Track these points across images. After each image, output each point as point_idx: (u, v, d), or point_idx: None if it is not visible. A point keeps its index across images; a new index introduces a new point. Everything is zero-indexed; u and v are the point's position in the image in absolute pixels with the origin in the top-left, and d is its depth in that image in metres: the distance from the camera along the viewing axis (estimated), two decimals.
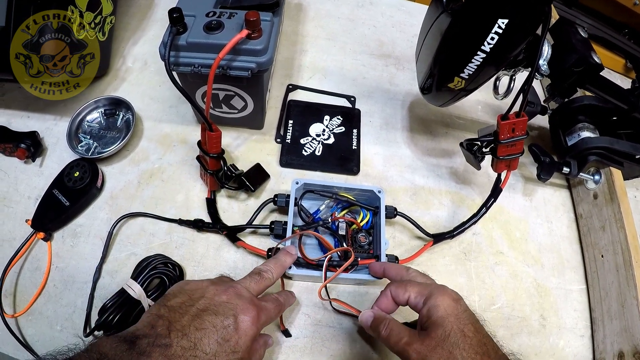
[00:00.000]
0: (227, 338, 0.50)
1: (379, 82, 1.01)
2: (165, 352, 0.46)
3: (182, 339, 0.47)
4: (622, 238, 0.76)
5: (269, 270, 0.61)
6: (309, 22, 1.09)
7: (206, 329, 0.49)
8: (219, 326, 0.50)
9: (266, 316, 0.56)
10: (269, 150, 0.86)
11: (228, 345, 0.49)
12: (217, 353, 0.48)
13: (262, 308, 0.55)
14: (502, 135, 0.69)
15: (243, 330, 0.51)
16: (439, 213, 0.84)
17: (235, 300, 0.53)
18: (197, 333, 0.48)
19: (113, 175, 0.80)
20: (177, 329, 0.48)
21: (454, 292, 0.55)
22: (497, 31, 0.58)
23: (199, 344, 0.48)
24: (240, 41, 0.65)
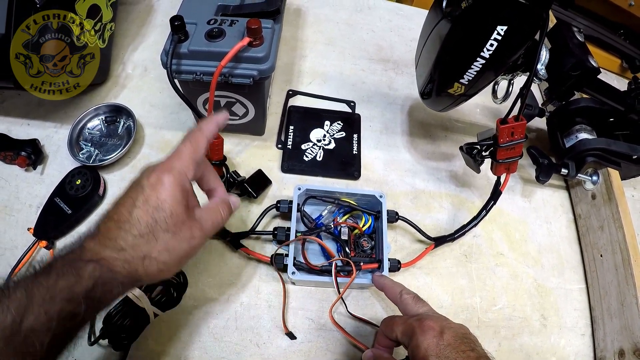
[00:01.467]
0: (145, 198, 0.46)
1: (378, 86, 1.02)
2: (95, 235, 0.45)
3: (105, 220, 0.46)
4: (621, 237, 0.77)
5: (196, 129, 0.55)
6: (308, 27, 1.10)
7: (123, 203, 0.47)
8: (133, 193, 0.47)
9: (183, 158, 0.50)
10: (270, 156, 0.86)
11: (148, 205, 0.46)
12: (139, 217, 0.46)
13: (171, 157, 0.50)
14: (501, 139, 0.70)
15: (158, 184, 0.47)
16: (440, 216, 0.85)
17: (148, 169, 0.50)
18: (117, 208, 0.47)
19: (115, 182, 0.80)
20: (103, 218, 0.47)
21: (438, 321, 0.54)
22: (496, 38, 0.59)
23: (120, 217, 0.46)
24: (242, 49, 0.65)
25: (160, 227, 0.46)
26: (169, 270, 0.49)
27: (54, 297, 0.40)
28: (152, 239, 0.46)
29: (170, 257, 0.48)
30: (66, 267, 0.42)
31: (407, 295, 0.62)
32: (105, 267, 0.44)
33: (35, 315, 0.39)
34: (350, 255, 0.72)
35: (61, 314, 0.41)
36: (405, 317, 0.58)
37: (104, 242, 0.45)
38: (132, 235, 0.45)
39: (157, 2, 1.07)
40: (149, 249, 0.46)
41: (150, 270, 0.47)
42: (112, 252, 0.44)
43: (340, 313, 0.72)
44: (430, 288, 0.77)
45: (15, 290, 0.40)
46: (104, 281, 0.43)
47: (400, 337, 0.56)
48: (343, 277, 0.70)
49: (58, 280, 0.41)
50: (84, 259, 0.43)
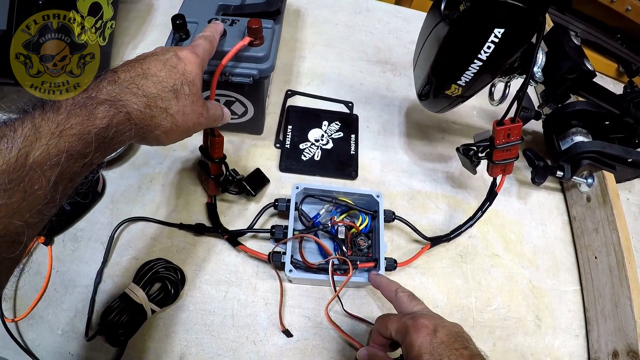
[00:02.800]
0: (173, 65, 0.52)
1: (376, 88, 1.02)
2: (114, 81, 0.46)
3: (129, 71, 0.48)
4: (615, 240, 0.78)
5: (209, 33, 0.63)
6: (307, 28, 1.10)
7: (150, 62, 0.51)
8: (162, 59, 0.52)
9: (202, 49, 0.58)
10: (268, 155, 0.87)
11: (176, 70, 0.52)
12: (167, 76, 0.51)
13: (194, 45, 0.58)
14: (497, 140, 0.71)
15: (185, 58, 0.54)
16: (436, 217, 0.86)
17: (167, 48, 0.55)
18: (143, 65, 0.50)
19: (114, 179, 0.80)
20: (122, 68, 0.49)
21: (432, 320, 0.54)
22: (493, 40, 0.59)
23: (148, 71, 0.49)
24: (243, 48, 0.66)
25: (184, 91, 0.52)
26: (176, 133, 0.53)
27: (63, 132, 0.40)
28: (174, 97, 0.51)
29: (182, 120, 0.52)
30: (78, 106, 0.42)
31: (402, 293, 0.62)
32: (122, 109, 0.45)
33: (43, 150, 0.38)
34: (347, 254, 0.72)
35: (70, 151, 0.40)
36: (399, 316, 0.59)
37: (128, 86, 0.47)
38: (159, 88, 0.49)
39: (157, 1, 1.07)
40: (170, 105, 0.50)
41: (163, 125, 0.50)
42: (134, 97, 0.47)
43: (337, 311, 0.73)
44: (426, 288, 0.78)
45: (22, 124, 0.38)
46: (118, 122, 0.44)
47: (395, 335, 0.57)
48: (340, 275, 0.70)
49: (69, 116, 0.41)
50: (98, 99, 0.44)
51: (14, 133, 0.37)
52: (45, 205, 0.38)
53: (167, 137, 0.52)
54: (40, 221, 0.39)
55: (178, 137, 0.54)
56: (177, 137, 0.54)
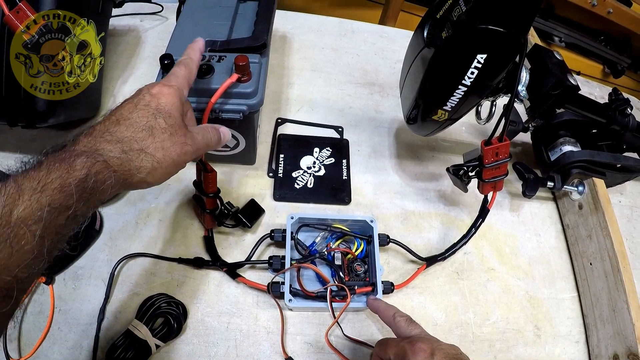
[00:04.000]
0: (145, 104, 0.51)
1: (364, 110, 1.03)
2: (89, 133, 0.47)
3: (103, 122, 0.49)
4: (609, 245, 0.79)
5: (186, 56, 0.62)
6: (294, 54, 1.11)
7: (123, 108, 0.51)
8: (134, 100, 0.51)
9: (176, 76, 0.57)
10: (262, 185, 0.88)
11: (148, 108, 0.51)
12: (139, 116, 0.50)
13: (168, 77, 0.57)
14: (486, 159, 0.72)
15: (157, 94, 0.52)
16: (430, 236, 0.87)
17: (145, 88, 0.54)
18: (116, 112, 0.50)
19: (111, 216, 0.81)
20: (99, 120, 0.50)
21: (429, 343, 0.55)
22: (476, 66, 0.61)
23: (121, 117, 0.49)
24: (231, 85, 0.67)
25: (159, 125, 0.50)
26: (161, 170, 0.51)
27: (45, 187, 0.40)
28: (149, 135, 0.50)
29: (164, 156, 0.51)
30: (58, 161, 0.43)
31: (400, 317, 0.63)
32: (99, 158, 0.45)
33: (26, 205, 0.39)
34: (345, 280, 0.73)
35: (52, 205, 0.40)
36: (398, 340, 0.60)
37: (102, 135, 0.47)
38: (132, 130, 0.49)
39: (145, 34, 1.08)
40: (147, 144, 0.49)
41: (144, 165, 0.49)
42: (109, 144, 0.47)
43: (337, 335, 0.73)
44: (424, 307, 0.79)
45: (5, 184, 0.39)
46: (96, 171, 0.44)
47: (394, 359, 0.57)
48: (339, 301, 0.71)
49: (49, 172, 0.42)
50: (76, 152, 0.44)
51: None
52: (34, 259, 0.39)
53: (152, 177, 0.51)
54: (30, 275, 0.40)
55: (165, 174, 0.53)
56: (164, 174, 0.53)
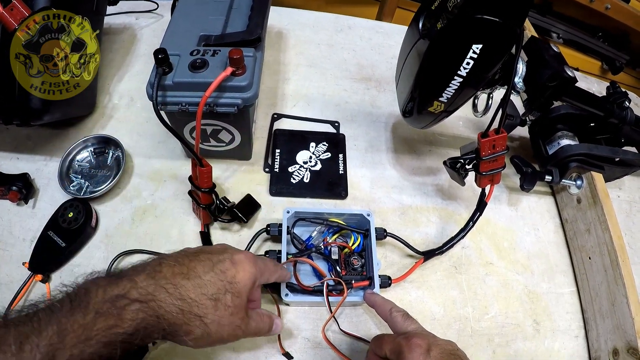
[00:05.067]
0: (223, 269, 0.50)
1: (361, 105, 1.03)
2: (152, 275, 0.45)
3: (174, 266, 0.47)
4: (608, 239, 0.79)
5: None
6: (290, 49, 1.11)
7: (200, 261, 0.49)
8: (215, 259, 0.50)
9: (264, 264, 0.56)
10: (258, 180, 0.87)
11: (223, 276, 0.49)
12: (213, 281, 0.48)
13: (258, 257, 0.55)
14: (483, 152, 0.72)
15: (240, 264, 0.51)
16: (428, 230, 0.86)
17: (229, 249, 0.54)
18: (191, 263, 0.48)
19: (106, 213, 0.80)
20: (169, 262, 0.48)
21: (425, 339, 0.54)
22: (472, 56, 0.60)
23: (193, 271, 0.48)
24: (226, 78, 0.66)
25: (226, 301, 0.49)
26: (206, 341, 0.49)
27: (89, 338, 0.39)
28: (212, 306, 0.47)
29: (216, 331, 0.49)
30: (107, 304, 0.41)
31: (396, 313, 0.63)
32: (153, 310, 0.43)
33: (69, 355, 0.38)
34: (342, 274, 0.73)
35: (93, 357, 0.39)
36: (394, 335, 0.59)
37: (165, 284, 0.45)
38: (198, 294, 0.46)
39: (140, 31, 1.08)
40: (206, 313, 0.47)
41: (195, 332, 0.47)
42: (169, 298, 0.45)
43: (335, 330, 0.73)
44: (422, 301, 0.78)
45: (47, 326, 0.38)
46: (145, 326, 0.43)
47: (389, 355, 0.57)
48: (336, 295, 0.70)
49: (96, 319, 0.40)
50: (129, 297, 0.43)
51: (39, 337, 0.37)
52: None
53: (195, 343, 0.49)
54: None
55: (207, 344, 0.51)
56: (207, 345, 0.51)
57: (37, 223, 0.78)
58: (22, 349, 0.36)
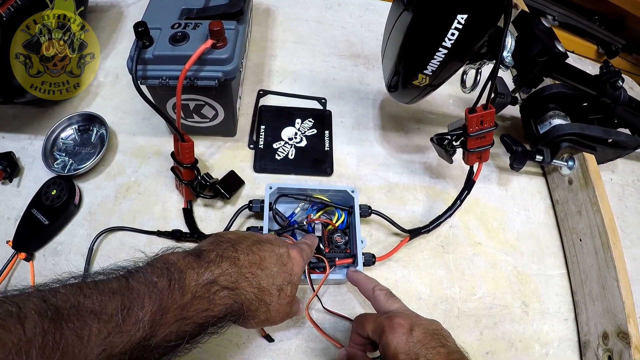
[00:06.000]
0: (284, 262, 0.55)
1: (349, 82, 1.02)
2: (234, 262, 0.49)
3: (248, 254, 0.51)
4: (599, 221, 0.78)
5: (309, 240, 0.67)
6: (278, 26, 1.09)
7: (266, 251, 0.54)
8: (277, 252, 0.55)
9: (306, 254, 0.61)
10: (242, 156, 0.86)
11: (285, 268, 0.54)
12: (278, 272, 0.53)
13: (302, 249, 0.61)
14: (470, 128, 0.70)
15: (295, 259, 0.57)
16: (415, 208, 0.85)
17: (280, 239, 0.59)
18: (260, 252, 0.53)
19: (90, 191, 0.80)
20: (242, 248, 0.52)
21: (408, 319, 0.54)
22: (457, 27, 0.59)
23: (264, 262, 0.52)
24: (206, 51, 0.66)
25: (287, 292, 0.54)
26: (262, 324, 0.55)
27: (186, 318, 0.43)
28: (278, 295, 0.53)
29: (274, 315, 0.54)
30: (202, 289, 0.45)
31: (379, 291, 0.62)
32: (238, 297, 0.48)
33: (166, 335, 0.41)
34: (325, 252, 0.72)
35: (185, 336, 0.43)
36: (376, 315, 0.59)
37: (245, 273, 0.49)
38: (269, 283, 0.52)
39: (127, 9, 1.06)
40: (273, 301, 0.52)
41: (260, 317, 0.52)
42: (250, 287, 0.50)
43: (318, 309, 0.72)
44: (408, 280, 0.77)
45: (149, 301, 0.40)
46: (231, 311, 0.48)
47: (372, 335, 0.56)
48: (319, 273, 0.69)
49: (193, 301, 0.44)
50: (220, 283, 0.47)
51: (141, 310, 0.39)
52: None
53: (255, 325, 0.54)
54: None
55: (260, 326, 0.59)
56: (260, 326, 0.59)
57: (22, 201, 0.77)
58: (127, 321, 0.38)
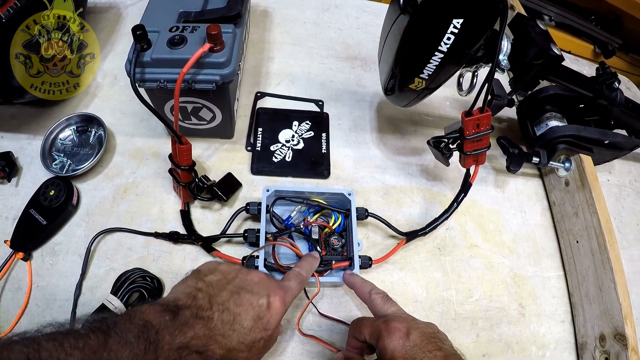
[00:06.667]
0: (261, 316, 0.52)
1: (346, 84, 1.01)
2: (207, 324, 0.48)
3: (223, 312, 0.50)
4: (596, 223, 0.78)
5: (303, 270, 0.64)
6: (275, 28, 1.09)
7: (244, 306, 0.52)
8: (255, 304, 0.53)
9: (291, 296, 0.59)
10: (240, 159, 0.86)
11: (261, 323, 0.52)
12: (252, 329, 0.51)
13: (287, 289, 0.58)
14: (467, 131, 0.71)
15: (274, 310, 0.54)
16: (412, 211, 0.85)
17: (266, 281, 0.57)
18: (236, 309, 0.51)
19: (88, 191, 0.80)
20: (218, 302, 0.51)
21: (404, 322, 0.54)
22: (453, 31, 0.59)
23: (237, 319, 0.51)
24: (203, 54, 0.66)
25: (258, 346, 0.53)
26: None
27: None
28: (247, 350, 0.51)
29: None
30: (174, 352, 0.45)
31: (376, 294, 0.62)
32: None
33: None
34: (322, 254, 0.72)
35: None
36: (373, 319, 0.59)
37: (216, 336, 0.48)
38: (239, 342, 0.50)
39: (126, 10, 1.06)
40: (240, 356, 0.51)
41: None
42: (220, 349, 0.49)
43: (314, 313, 0.72)
44: (405, 283, 0.78)
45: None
46: None
47: (369, 339, 0.57)
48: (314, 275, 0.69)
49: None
50: (191, 347, 0.46)
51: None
52: None
53: None
54: None
55: None
56: None
57: (20, 201, 0.77)
58: None
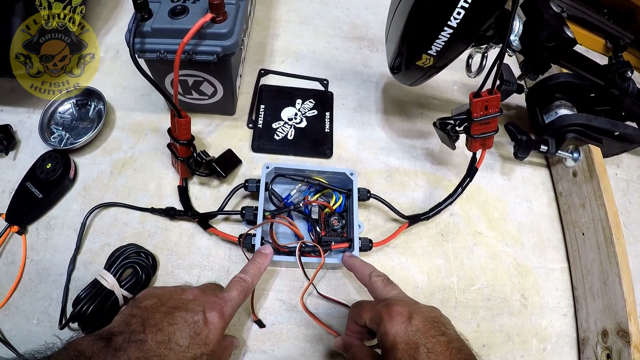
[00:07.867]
0: (198, 332, 0.51)
1: (352, 64, 1.00)
2: (140, 346, 0.47)
3: (157, 333, 0.49)
4: (603, 215, 0.76)
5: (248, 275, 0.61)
6: (281, 6, 1.08)
7: (178, 324, 0.51)
8: (190, 321, 0.51)
9: (232, 307, 0.56)
10: (241, 135, 0.85)
11: (199, 339, 0.51)
12: (189, 346, 0.50)
13: (227, 300, 0.56)
14: (475, 113, 0.69)
15: (212, 324, 0.53)
16: (415, 194, 0.84)
17: (201, 297, 0.55)
18: (170, 328, 0.50)
19: (86, 165, 0.79)
20: (151, 324, 0.49)
21: (406, 306, 0.53)
22: (463, 5, 0.57)
23: (173, 338, 0.49)
24: (205, 25, 0.64)
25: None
26: None
27: None
28: None
29: None
30: None
31: (376, 277, 0.60)
32: None
33: None
34: (321, 235, 0.71)
35: None
36: (373, 303, 0.57)
37: (149, 356, 0.47)
38: None
39: None
40: None
41: None
42: None
43: (312, 294, 0.71)
44: (405, 268, 0.76)
45: None
46: None
47: (369, 324, 0.55)
48: (314, 257, 0.68)
49: None
50: None
51: None
52: None
53: None
54: None
55: None
56: None
57: (17, 175, 0.77)
58: None
